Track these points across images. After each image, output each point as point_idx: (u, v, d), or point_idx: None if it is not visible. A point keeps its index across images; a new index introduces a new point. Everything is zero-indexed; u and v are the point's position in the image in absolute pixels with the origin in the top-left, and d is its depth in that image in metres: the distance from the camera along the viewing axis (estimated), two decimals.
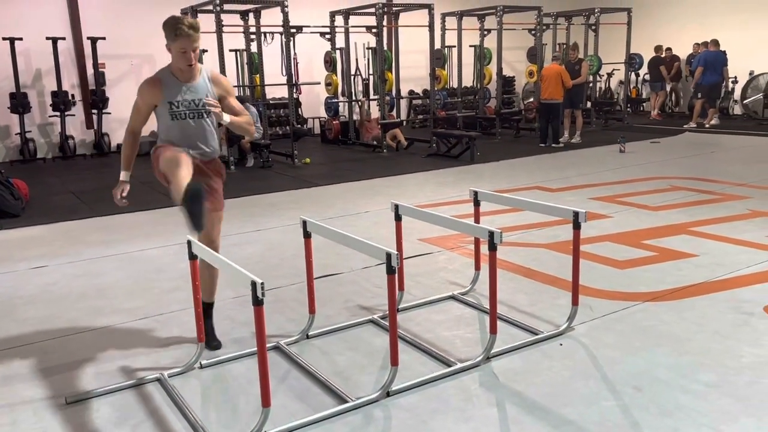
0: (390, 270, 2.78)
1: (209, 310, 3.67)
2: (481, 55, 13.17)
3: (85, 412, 2.94)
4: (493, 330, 3.25)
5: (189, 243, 3.15)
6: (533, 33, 12.83)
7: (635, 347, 3.39)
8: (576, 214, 3.45)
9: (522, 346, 3.44)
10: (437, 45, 12.13)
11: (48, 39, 10.87)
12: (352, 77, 12.69)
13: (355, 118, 12.51)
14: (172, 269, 4.96)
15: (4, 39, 10.60)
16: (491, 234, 3.07)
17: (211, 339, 3.57)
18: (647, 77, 15.44)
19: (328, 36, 11.92)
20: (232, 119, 3.38)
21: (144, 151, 12.81)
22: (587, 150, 10.75)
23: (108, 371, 3.33)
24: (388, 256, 2.77)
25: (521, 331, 3.63)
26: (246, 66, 11.78)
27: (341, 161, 10.42)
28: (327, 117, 12.86)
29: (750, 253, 4.89)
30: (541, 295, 4.20)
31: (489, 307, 3.25)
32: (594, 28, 13.37)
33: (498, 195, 4.27)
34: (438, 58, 12.13)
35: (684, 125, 13.07)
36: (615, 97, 15.83)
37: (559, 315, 3.80)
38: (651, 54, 14.85)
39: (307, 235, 3.50)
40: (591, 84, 13.52)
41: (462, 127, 12.37)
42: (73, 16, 11.43)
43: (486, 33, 12.89)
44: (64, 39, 11.21)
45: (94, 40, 11.27)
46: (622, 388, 2.98)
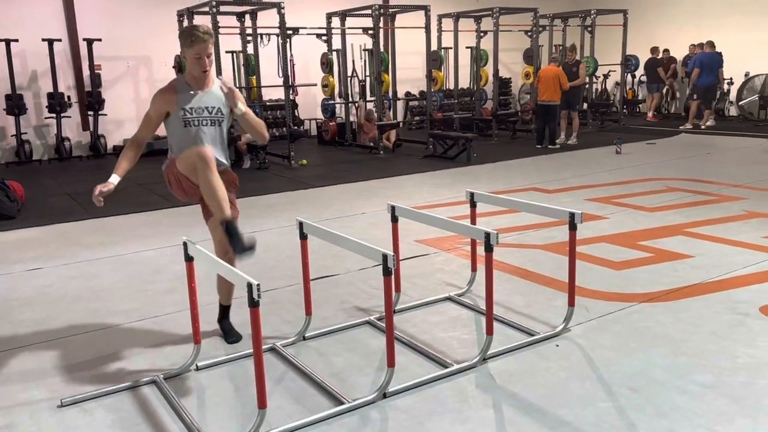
0: (386, 271, 2.78)
1: (227, 311, 3.75)
2: (478, 57, 13.18)
3: (81, 414, 2.94)
4: (490, 331, 3.25)
5: (185, 245, 3.15)
6: (529, 34, 12.85)
7: (631, 348, 3.40)
8: (572, 215, 3.45)
9: (518, 347, 3.44)
10: (434, 46, 12.15)
11: (44, 40, 10.85)
12: (348, 79, 12.69)
13: (352, 119, 12.51)
14: (168, 271, 4.95)
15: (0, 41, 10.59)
16: (487, 235, 3.07)
17: (230, 335, 3.66)
18: (643, 78, 15.48)
19: (324, 37, 11.93)
20: (246, 111, 3.45)
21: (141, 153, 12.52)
22: (583, 151, 10.77)
23: (104, 373, 3.32)
24: (384, 257, 2.77)
25: (517, 332, 3.63)
26: (242, 68, 11.78)
27: (338, 163, 10.42)
28: (324, 118, 12.86)
29: (746, 254, 4.90)
30: (538, 296, 4.21)
31: (485, 309, 3.26)
32: (590, 29, 13.40)
33: (494, 196, 4.27)
34: (434, 59, 12.15)
35: (680, 126, 13.11)
36: (611, 99, 15.87)
37: (556, 316, 3.80)
38: (647, 55, 14.89)
39: (304, 237, 3.50)
40: (587, 85, 13.54)
41: (458, 129, 12.39)
42: (69, 17, 11.41)
43: (482, 34, 12.92)
44: (60, 40, 11.19)
45: (90, 41, 11.25)
46: (618, 389, 2.98)
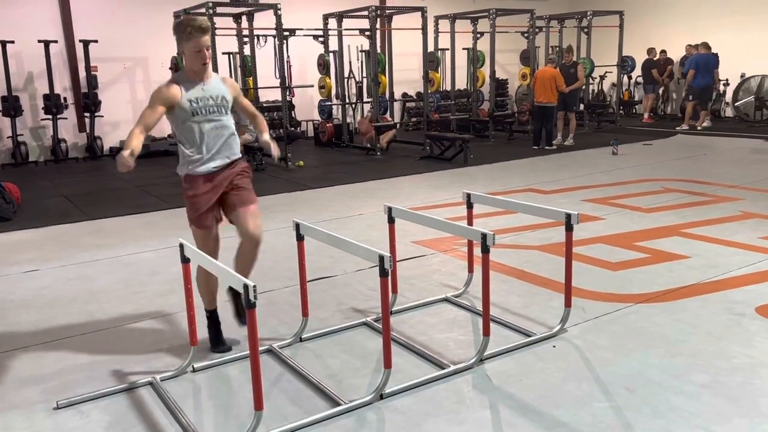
0: (383, 272, 2.78)
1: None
2: (474, 58, 13.19)
3: (77, 416, 2.93)
4: (486, 332, 3.25)
5: (181, 246, 3.14)
6: (526, 36, 12.86)
7: (628, 349, 3.40)
8: (568, 216, 3.46)
9: (515, 348, 3.44)
10: (430, 48, 12.15)
11: (40, 42, 10.83)
12: (345, 80, 12.70)
13: (349, 120, 12.51)
14: (164, 272, 4.94)
15: None
16: (484, 236, 3.07)
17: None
18: (640, 80, 15.52)
19: (321, 39, 11.93)
20: (268, 140, 3.70)
21: (138, 154, 12.53)
22: (580, 152, 10.78)
23: (100, 375, 3.31)
24: (381, 258, 2.77)
25: (514, 333, 3.64)
26: (239, 69, 11.77)
27: (335, 164, 10.42)
28: (320, 120, 12.86)
29: (742, 255, 4.91)
30: (534, 297, 4.21)
31: (482, 310, 3.26)
32: (586, 30, 13.43)
33: (491, 197, 4.27)
34: (431, 60, 12.15)
35: (676, 127, 13.14)
36: (608, 100, 15.90)
37: (552, 317, 3.81)
38: (644, 56, 14.93)
39: (300, 238, 3.50)
40: (584, 86, 13.56)
41: (455, 130, 12.38)
42: (65, 19, 11.39)
43: (479, 36, 12.93)
44: (56, 42, 11.17)
45: (86, 43, 11.23)
46: (614, 389, 2.99)
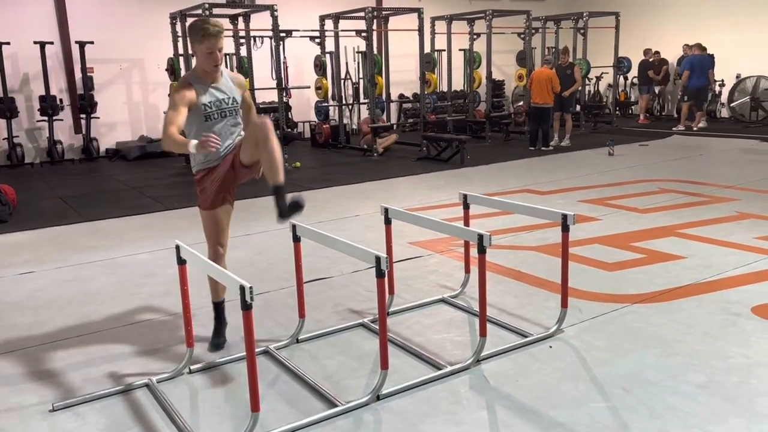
0: (380, 273, 2.78)
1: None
2: (471, 59, 13.21)
3: (73, 418, 2.92)
4: (483, 333, 3.25)
5: (177, 248, 3.13)
6: (522, 37, 12.89)
7: (624, 349, 3.40)
8: (564, 216, 3.46)
9: (512, 348, 3.44)
10: (427, 49, 12.16)
11: (36, 43, 10.81)
12: (342, 81, 12.70)
13: (346, 122, 12.50)
14: (161, 274, 4.93)
15: None
16: (480, 237, 3.08)
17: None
18: (635, 80, 15.56)
19: (317, 40, 11.92)
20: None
21: (134, 156, 12.60)
22: (576, 153, 10.80)
23: (96, 377, 3.31)
24: (377, 259, 2.77)
25: (511, 334, 3.64)
26: (236, 70, 11.76)
27: (331, 165, 10.42)
28: (317, 121, 12.85)
29: (737, 255, 4.92)
30: (531, 298, 4.21)
31: (478, 310, 3.26)
32: (582, 31, 13.45)
33: (487, 198, 4.27)
34: (428, 61, 12.16)
35: (672, 128, 13.17)
36: (604, 101, 15.93)
37: (549, 317, 3.81)
38: (640, 57, 14.97)
39: (297, 239, 3.50)
40: (580, 87, 13.58)
41: (452, 131, 12.40)
42: (61, 20, 11.37)
43: (475, 37, 12.94)
44: (52, 43, 11.15)
45: (82, 44, 11.20)
46: (611, 389, 2.99)
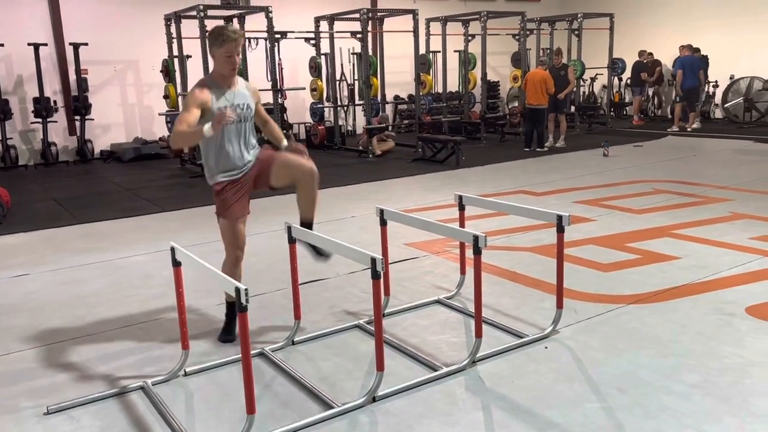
0: (375, 275, 2.79)
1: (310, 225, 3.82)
2: (466, 60, 13.23)
3: (68, 421, 2.91)
4: (479, 334, 3.26)
5: (173, 250, 3.13)
6: (517, 38, 12.91)
7: (619, 349, 3.41)
8: (559, 217, 3.47)
9: (507, 349, 3.45)
10: (422, 50, 12.17)
11: (30, 45, 10.77)
12: (337, 82, 12.70)
13: (341, 123, 12.49)
14: (156, 276, 4.92)
15: None
16: (476, 238, 3.08)
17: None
18: (629, 82, 15.61)
19: (312, 41, 11.93)
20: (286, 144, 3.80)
21: (128, 157, 12.55)
22: (571, 154, 10.83)
23: (91, 380, 3.30)
24: (373, 260, 2.77)
25: (506, 335, 3.64)
26: None
27: (327, 167, 10.40)
28: (312, 122, 12.85)
29: (732, 255, 4.94)
30: (526, 299, 4.22)
31: (474, 311, 3.26)
32: (577, 33, 13.49)
33: (483, 199, 4.28)
34: (423, 63, 12.17)
35: (667, 129, 13.22)
36: (598, 102, 15.98)
37: (544, 318, 3.82)
38: (634, 58, 15.03)
39: (292, 241, 3.50)
40: (575, 88, 13.63)
41: (447, 132, 12.41)
42: (55, 22, 11.34)
43: (470, 38, 12.97)
44: (46, 45, 11.11)
45: (76, 45, 11.18)
46: (606, 390, 3.00)
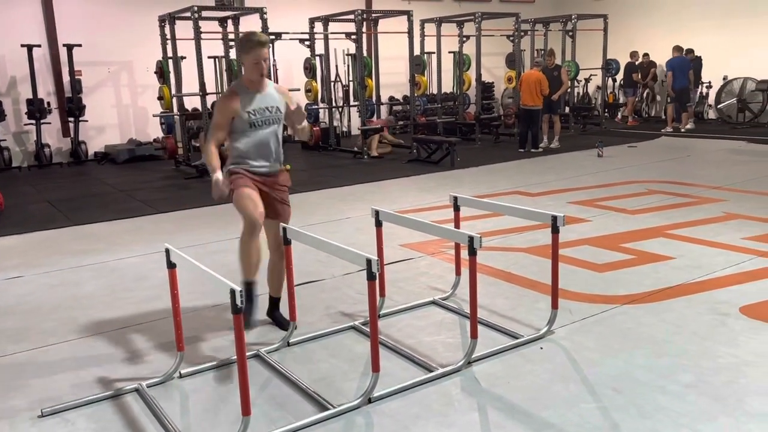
0: (371, 276, 2.78)
1: (277, 303, 3.93)
2: (460, 61, 13.24)
3: (62, 424, 2.90)
4: (474, 335, 3.26)
5: (167, 251, 3.12)
6: (511, 39, 12.94)
7: (614, 349, 3.42)
8: (554, 218, 3.48)
9: (503, 350, 3.45)
10: (416, 51, 12.18)
11: (23, 46, 10.73)
12: (332, 84, 12.69)
13: (336, 124, 12.48)
14: (151, 278, 4.91)
15: None
16: (471, 239, 3.08)
17: (283, 325, 3.82)
18: (622, 83, 15.67)
19: (307, 43, 11.92)
20: (304, 125, 3.87)
21: (123, 159, 12.52)
22: (566, 155, 10.85)
23: (85, 382, 3.28)
24: (368, 262, 2.77)
25: (502, 336, 3.65)
26: (225, 73, 11.72)
27: (322, 167, 10.41)
28: (307, 123, 12.82)
29: (725, 255, 4.96)
30: (521, 299, 4.22)
31: (469, 312, 3.26)
32: (571, 34, 13.53)
33: (478, 200, 4.28)
34: (417, 64, 12.19)
35: (661, 129, 13.28)
36: (593, 102, 16.02)
37: (539, 319, 3.82)
38: (628, 59, 15.09)
39: (288, 242, 3.49)
40: (569, 89, 13.67)
41: (442, 133, 12.42)
42: (49, 23, 11.29)
43: (465, 39, 12.98)
44: (39, 46, 11.06)
45: (70, 47, 11.13)
46: (601, 390, 3.00)
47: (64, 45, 11.21)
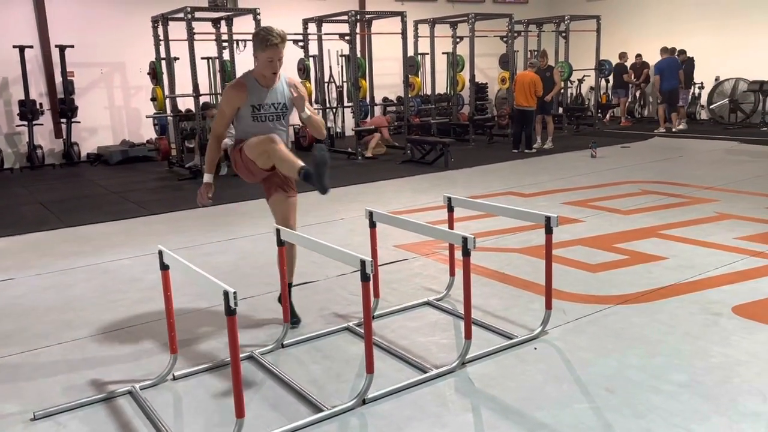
0: (365, 277, 2.78)
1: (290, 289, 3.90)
2: (454, 62, 13.27)
3: (54, 427, 2.88)
4: (468, 335, 3.26)
5: (160, 253, 3.11)
6: (505, 40, 12.96)
7: (608, 350, 3.43)
8: (548, 218, 3.48)
9: (497, 350, 3.45)
10: (410, 52, 12.19)
11: (15, 47, 10.68)
12: (325, 85, 12.69)
13: (330, 125, 12.48)
14: (144, 280, 4.89)
15: None
16: (465, 239, 3.09)
17: (293, 316, 3.82)
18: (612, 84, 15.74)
19: (301, 43, 11.90)
20: (311, 113, 3.73)
21: (115, 160, 12.48)
22: (559, 155, 10.88)
23: (77, 385, 3.26)
24: (362, 263, 2.77)
25: (496, 336, 3.65)
26: (218, 74, 11.70)
27: None
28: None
29: (718, 255, 4.98)
30: (515, 300, 4.23)
31: (463, 313, 3.26)
32: (564, 35, 13.57)
33: (472, 201, 4.29)
34: (411, 65, 12.19)
35: (654, 130, 13.34)
36: (586, 103, 16.07)
37: (533, 319, 3.83)
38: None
39: (281, 244, 3.48)
40: (562, 90, 13.71)
41: (436, 134, 12.44)
42: (41, 24, 11.24)
43: (458, 40, 13.01)
44: (31, 47, 11.02)
45: (62, 48, 11.09)
46: (595, 390, 3.01)
47: (56, 46, 11.17)
